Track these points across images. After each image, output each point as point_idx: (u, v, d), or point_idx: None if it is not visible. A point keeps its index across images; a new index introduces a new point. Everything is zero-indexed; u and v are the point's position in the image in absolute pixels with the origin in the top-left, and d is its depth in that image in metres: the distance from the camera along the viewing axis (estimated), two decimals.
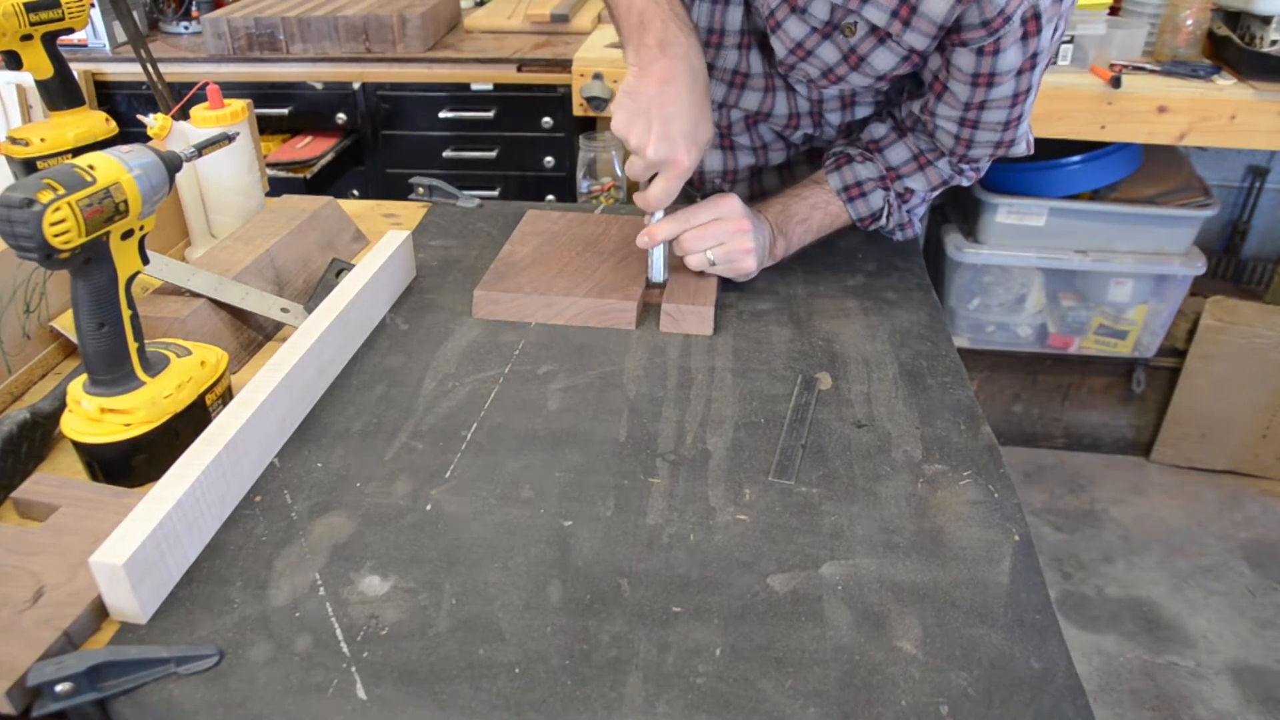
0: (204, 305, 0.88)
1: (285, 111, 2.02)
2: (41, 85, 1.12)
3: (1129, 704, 1.69)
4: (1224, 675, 1.74)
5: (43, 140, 1.09)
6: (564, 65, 1.91)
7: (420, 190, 1.25)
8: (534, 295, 0.95)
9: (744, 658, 0.58)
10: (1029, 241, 2.02)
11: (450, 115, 2.00)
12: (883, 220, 1.08)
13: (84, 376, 0.72)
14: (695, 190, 1.25)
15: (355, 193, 2.13)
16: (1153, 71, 1.86)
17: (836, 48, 0.95)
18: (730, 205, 0.96)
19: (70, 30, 1.12)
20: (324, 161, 1.94)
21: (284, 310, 0.92)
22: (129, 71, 2.01)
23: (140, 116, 1.02)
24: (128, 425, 0.71)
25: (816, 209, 1.06)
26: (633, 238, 1.07)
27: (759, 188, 1.22)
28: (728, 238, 0.95)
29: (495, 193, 2.06)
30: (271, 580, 0.64)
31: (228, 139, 0.82)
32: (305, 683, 0.56)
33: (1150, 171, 1.99)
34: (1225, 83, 1.81)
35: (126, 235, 0.68)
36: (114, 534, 0.59)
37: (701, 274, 0.99)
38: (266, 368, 0.76)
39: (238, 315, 0.91)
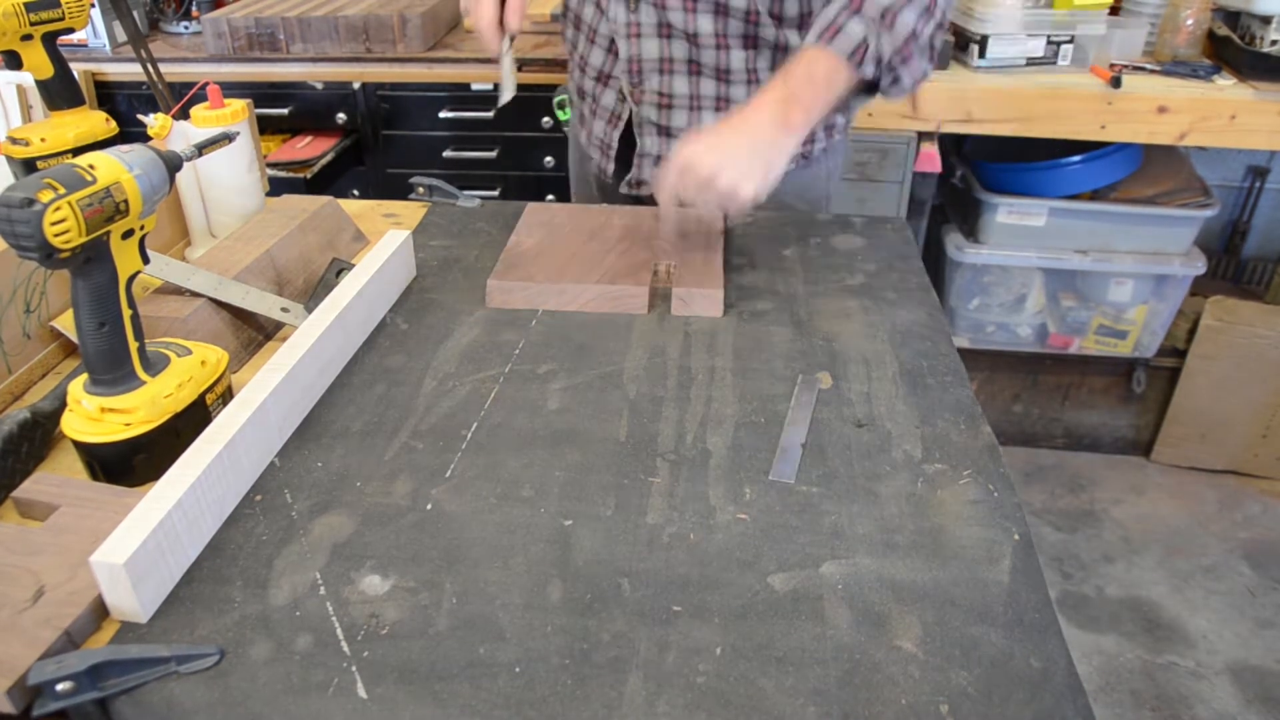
0: (204, 305, 0.88)
1: (285, 111, 2.02)
2: (42, 85, 1.12)
3: (1129, 704, 1.69)
4: (1224, 675, 1.74)
5: (43, 140, 1.09)
6: (564, 65, 1.91)
7: (420, 190, 1.25)
8: (546, 284, 0.97)
9: (744, 657, 0.58)
10: (1029, 241, 2.02)
11: (450, 115, 2.00)
12: (871, 52, 0.96)
13: (84, 376, 0.72)
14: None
15: (355, 192, 2.13)
16: (1153, 71, 1.86)
17: None
18: (682, 158, 0.93)
19: (70, 30, 1.12)
20: (324, 161, 1.94)
21: (284, 310, 0.92)
22: (129, 71, 2.01)
23: (140, 116, 1.02)
24: (128, 425, 0.71)
25: (813, 64, 0.98)
26: (634, 228, 1.09)
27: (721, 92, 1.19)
28: (701, 191, 0.93)
29: (495, 193, 2.06)
30: (272, 579, 0.64)
31: (228, 139, 0.82)
32: (306, 682, 0.56)
33: (1150, 171, 1.99)
34: (1225, 83, 1.81)
35: (127, 235, 0.68)
36: (114, 533, 0.59)
37: (707, 255, 1.02)
38: (267, 367, 0.76)
39: (238, 315, 0.91)
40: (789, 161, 0.98)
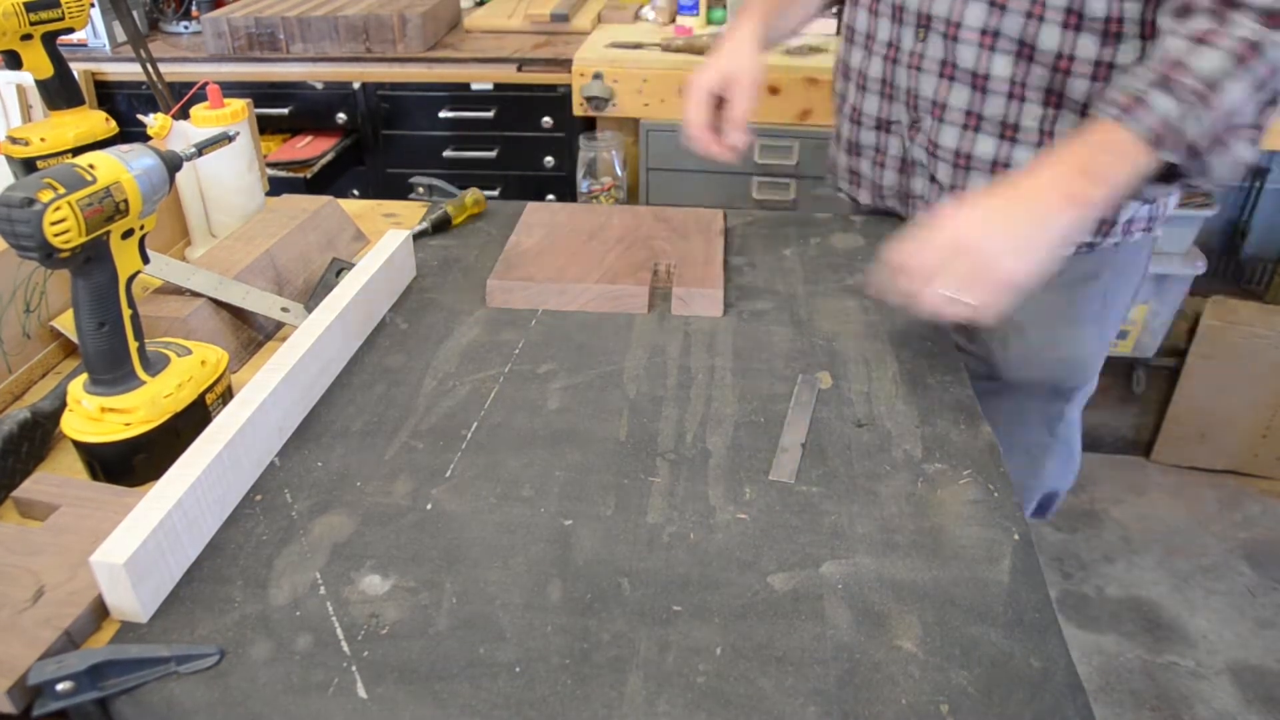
0: (204, 305, 0.88)
1: (285, 111, 2.02)
2: (41, 85, 1.12)
3: (1129, 704, 1.69)
4: (1224, 675, 1.74)
5: (43, 140, 1.09)
6: (564, 65, 1.91)
7: (420, 190, 1.25)
8: (547, 283, 0.97)
9: (744, 656, 0.58)
10: None
11: (450, 115, 2.00)
12: (1177, 136, 0.76)
13: (84, 376, 0.72)
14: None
15: (355, 192, 2.13)
16: None
17: None
18: (949, 232, 0.78)
19: (70, 30, 1.12)
20: (324, 161, 1.94)
21: (284, 310, 0.92)
22: (129, 71, 2.01)
23: (140, 116, 1.02)
24: (128, 425, 0.71)
25: (1108, 136, 0.79)
26: (633, 228, 1.09)
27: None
28: (969, 276, 0.77)
29: (495, 192, 2.06)
30: (272, 579, 0.64)
31: (228, 139, 0.82)
32: (306, 682, 0.56)
33: None
34: None
35: (127, 235, 0.68)
36: (114, 533, 0.59)
37: (707, 255, 1.02)
38: (267, 367, 0.76)
39: (238, 315, 0.91)
40: (1069, 246, 0.80)
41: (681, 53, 1.91)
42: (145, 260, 0.71)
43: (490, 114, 1.99)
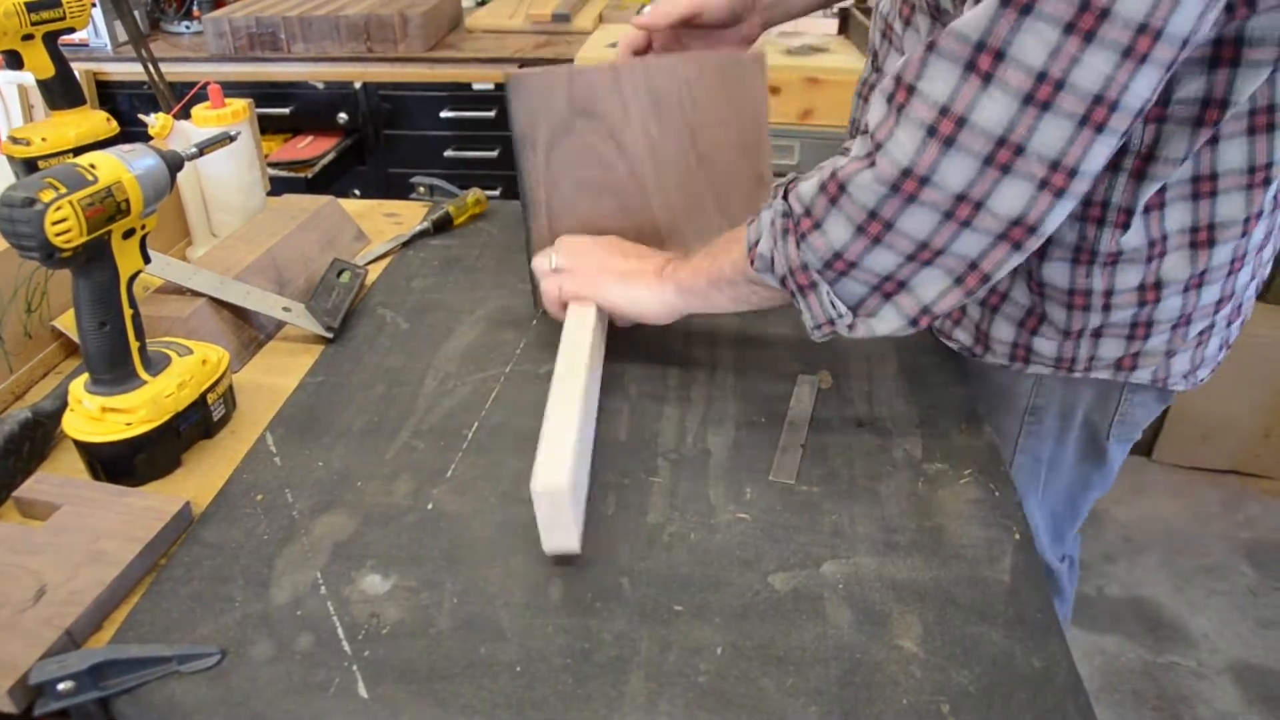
0: (205, 304, 0.88)
1: (286, 111, 2.02)
2: (43, 85, 1.12)
3: (1130, 704, 1.69)
4: (1225, 675, 1.74)
5: (44, 140, 1.09)
6: (568, 65, 1.91)
7: (421, 190, 1.25)
8: None
9: (745, 656, 0.58)
10: None
11: (451, 115, 2.00)
12: (767, 254, 0.69)
13: (85, 375, 0.72)
14: None
15: (356, 192, 2.13)
16: None
17: None
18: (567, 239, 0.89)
19: (71, 30, 1.12)
20: (325, 161, 1.94)
21: (285, 309, 0.92)
22: (130, 71, 2.01)
23: (141, 116, 1.02)
24: (129, 424, 0.71)
25: (733, 238, 0.75)
26: None
27: None
28: (560, 271, 0.87)
29: (497, 192, 2.06)
30: (273, 579, 0.64)
31: (229, 138, 0.82)
32: (307, 681, 0.56)
33: None
34: None
35: (128, 234, 0.68)
36: (536, 467, 0.62)
37: None
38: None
39: (239, 314, 0.91)
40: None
41: None
42: (146, 260, 0.71)
43: (491, 114, 1.99)
